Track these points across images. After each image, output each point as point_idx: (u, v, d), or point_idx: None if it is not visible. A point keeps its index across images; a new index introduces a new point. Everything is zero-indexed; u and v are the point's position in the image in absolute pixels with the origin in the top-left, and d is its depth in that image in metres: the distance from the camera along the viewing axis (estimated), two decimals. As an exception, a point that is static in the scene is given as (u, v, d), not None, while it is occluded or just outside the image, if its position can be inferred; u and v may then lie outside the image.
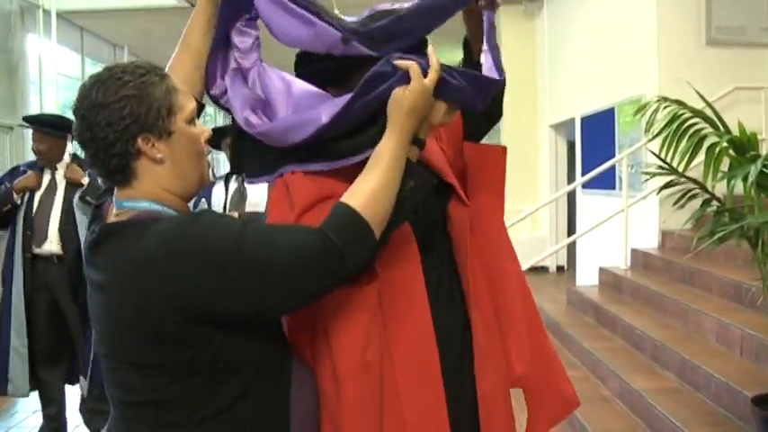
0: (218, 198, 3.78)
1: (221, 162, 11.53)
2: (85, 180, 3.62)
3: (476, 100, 1.39)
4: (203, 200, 3.58)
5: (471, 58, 1.59)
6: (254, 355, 1.26)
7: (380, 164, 1.29)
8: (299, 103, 1.42)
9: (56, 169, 3.69)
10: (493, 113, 1.65)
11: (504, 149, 1.64)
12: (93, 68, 12.51)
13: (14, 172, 3.81)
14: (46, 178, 3.69)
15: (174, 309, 1.16)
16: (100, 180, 1.33)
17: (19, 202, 3.62)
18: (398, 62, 1.32)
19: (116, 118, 1.20)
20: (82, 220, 3.54)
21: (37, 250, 3.61)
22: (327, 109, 1.36)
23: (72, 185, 3.65)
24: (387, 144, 1.31)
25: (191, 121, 1.30)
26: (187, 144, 1.28)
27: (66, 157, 3.71)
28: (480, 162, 1.61)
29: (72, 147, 3.73)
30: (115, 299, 1.21)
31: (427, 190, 1.40)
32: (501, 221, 1.66)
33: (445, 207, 1.56)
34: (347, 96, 1.34)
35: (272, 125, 1.41)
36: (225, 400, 1.23)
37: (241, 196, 3.74)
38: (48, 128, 3.63)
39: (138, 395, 1.24)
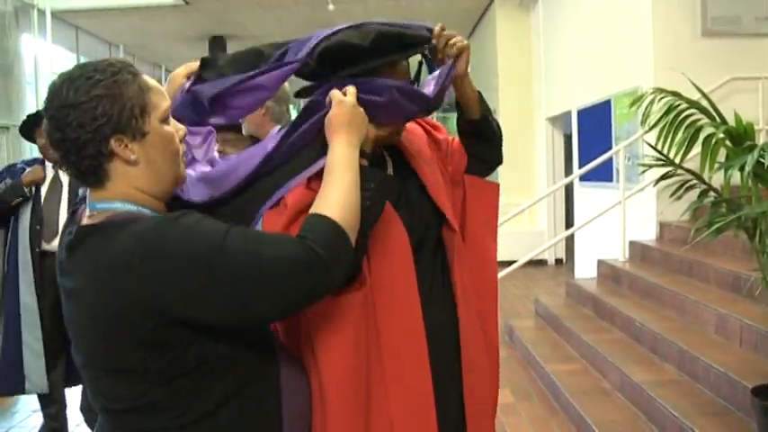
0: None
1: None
2: None
3: (399, 115, 1.52)
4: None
5: (464, 117, 1.72)
6: (238, 359, 1.24)
7: (335, 172, 1.32)
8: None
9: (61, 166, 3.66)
10: (494, 161, 1.81)
11: (498, 186, 1.83)
12: (89, 67, 12.50)
13: (12, 168, 3.80)
14: (49, 174, 3.69)
15: (152, 311, 1.13)
16: None
17: (29, 195, 3.61)
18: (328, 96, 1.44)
19: (88, 118, 1.16)
20: None
21: (47, 246, 3.60)
22: (270, 141, 1.47)
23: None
24: (331, 154, 1.36)
25: (165, 120, 1.26)
26: (162, 144, 1.24)
27: None
28: (478, 194, 1.78)
29: None
30: (91, 302, 1.17)
31: (389, 187, 1.47)
32: (494, 251, 1.80)
33: (440, 229, 1.67)
34: (286, 128, 1.47)
35: (213, 169, 1.47)
36: (209, 405, 1.21)
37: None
38: None
39: (123, 402, 1.21)
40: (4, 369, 3.65)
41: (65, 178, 3.67)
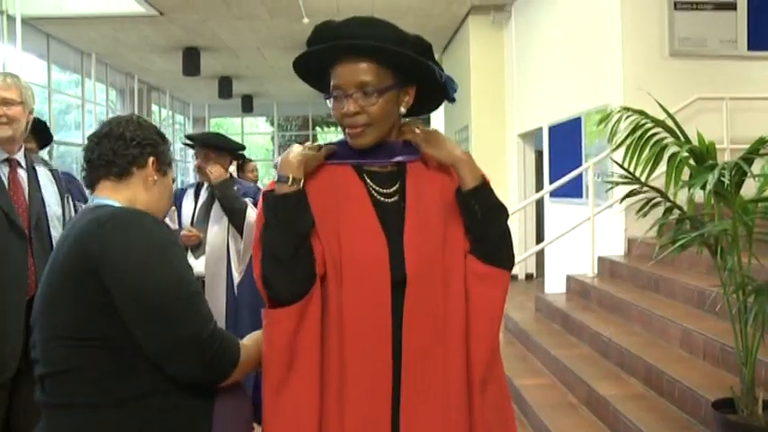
0: (188, 207, 3.75)
1: (190, 170, 11.35)
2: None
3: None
4: (173, 207, 3.56)
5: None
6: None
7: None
8: None
9: None
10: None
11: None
12: (60, 76, 12.34)
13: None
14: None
15: (91, 273, 1.39)
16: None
17: None
18: None
19: (147, 135, 1.60)
20: None
21: None
22: None
23: None
24: None
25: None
26: (169, 187, 1.68)
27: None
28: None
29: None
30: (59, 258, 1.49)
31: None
32: None
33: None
34: None
35: None
36: (134, 389, 1.40)
37: (208, 208, 3.71)
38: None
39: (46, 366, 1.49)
40: None
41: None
